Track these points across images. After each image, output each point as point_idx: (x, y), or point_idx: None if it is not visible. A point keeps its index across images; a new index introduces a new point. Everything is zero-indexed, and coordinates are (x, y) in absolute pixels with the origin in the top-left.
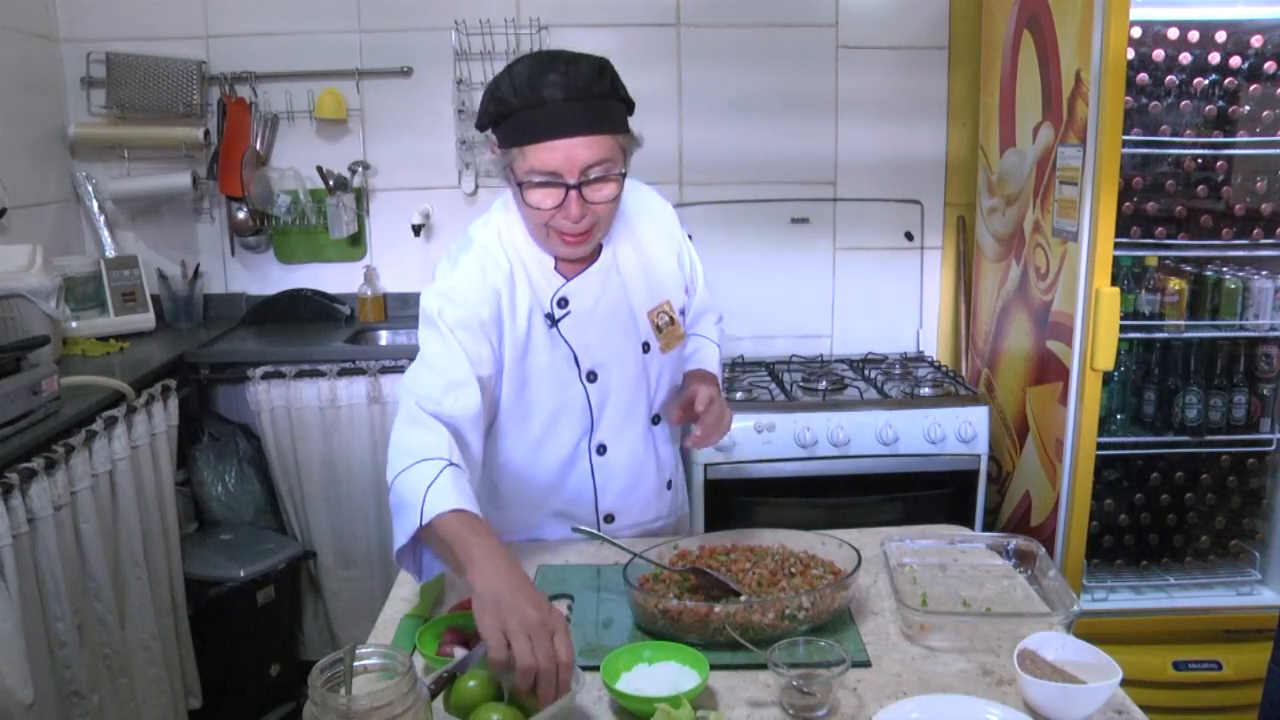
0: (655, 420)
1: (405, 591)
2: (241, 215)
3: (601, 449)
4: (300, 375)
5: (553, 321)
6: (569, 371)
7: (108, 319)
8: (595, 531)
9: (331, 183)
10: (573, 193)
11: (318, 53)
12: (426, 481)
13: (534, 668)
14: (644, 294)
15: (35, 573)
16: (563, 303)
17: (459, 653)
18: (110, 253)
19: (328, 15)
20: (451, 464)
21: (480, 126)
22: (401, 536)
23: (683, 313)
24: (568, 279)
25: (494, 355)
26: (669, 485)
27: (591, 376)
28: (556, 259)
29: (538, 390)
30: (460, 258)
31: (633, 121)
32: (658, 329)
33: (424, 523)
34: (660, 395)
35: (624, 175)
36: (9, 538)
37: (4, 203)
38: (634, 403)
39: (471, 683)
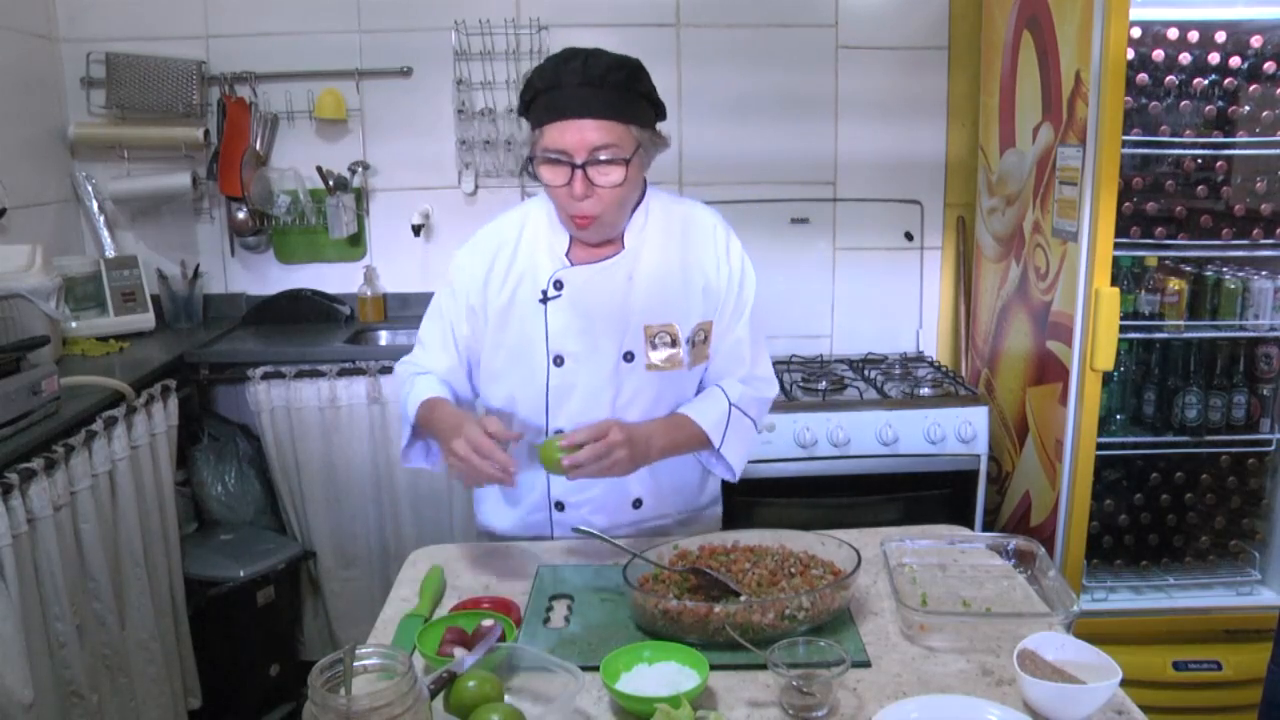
0: None
1: (405, 591)
2: (241, 215)
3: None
4: (300, 375)
5: (544, 299)
6: (539, 349)
7: (107, 319)
8: (595, 532)
9: (331, 183)
10: (578, 171)
11: (318, 53)
12: (405, 394)
13: (457, 457)
14: (650, 306)
15: (35, 573)
16: (558, 285)
17: (459, 653)
18: (110, 253)
19: (328, 15)
20: (420, 373)
21: (519, 113)
22: (403, 441)
23: (690, 342)
24: (571, 265)
25: (469, 316)
26: (636, 504)
27: (559, 360)
28: (570, 246)
29: (506, 360)
30: (481, 228)
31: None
32: (652, 345)
33: (414, 423)
34: (634, 411)
35: (627, 163)
36: (9, 538)
37: (4, 203)
38: (596, 405)
39: (471, 683)
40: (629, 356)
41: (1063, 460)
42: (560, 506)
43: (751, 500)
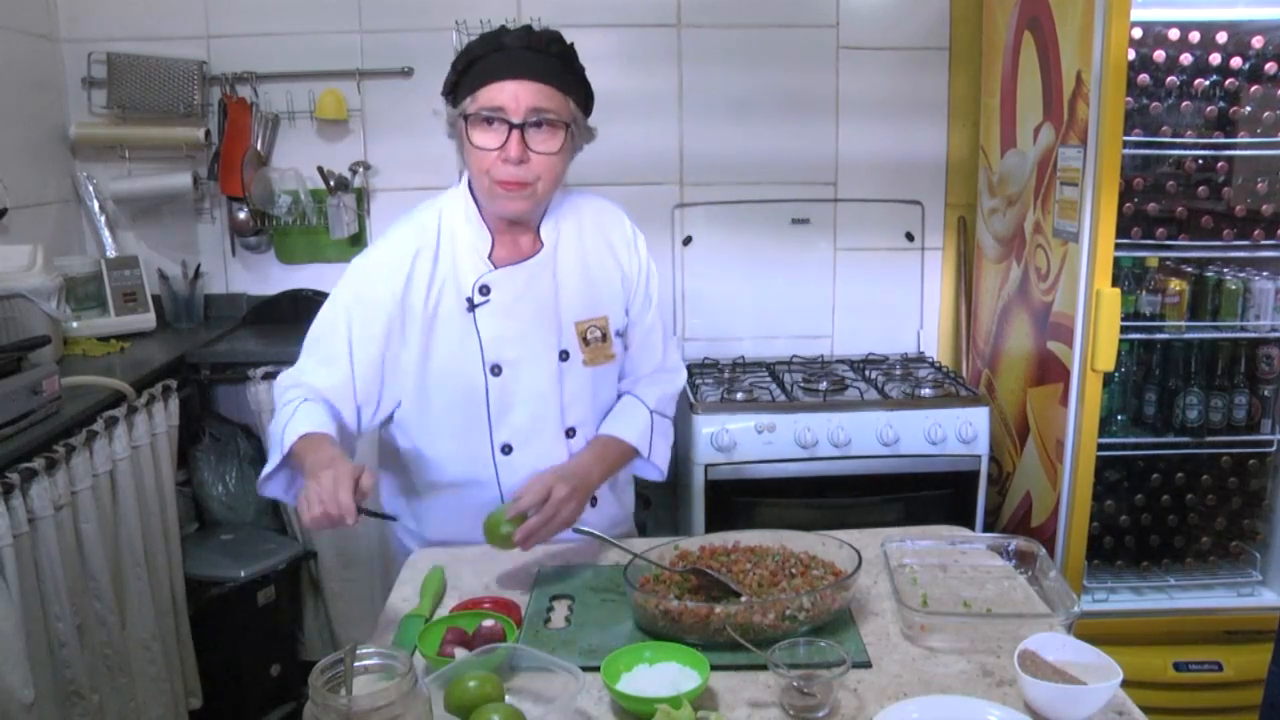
0: (570, 433)
1: (406, 592)
2: (242, 215)
3: (506, 449)
4: None
5: (471, 306)
6: (473, 360)
7: (108, 319)
8: (596, 532)
9: (332, 183)
10: (515, 132)
11: (318, 53)
12: (284, 420)
13: (310, 516)
14: (578, 303)
15: (36, 572)
16: (484, 290)
17: (460, 653)
18: (111, 253)
19: (329, 16)
20: (304, 400)
21: (445, 90)
22: (268, 467)
23: (619, 334)
24: (496, 268)
25: (386, 329)
26: (593, 502)
27: (496, 370)
28: (493, 247)
29: (438, 374)
30: (390, 230)
31: (626, 122)
32: (584, 341)
33: (285, 449)
34: (578, 409)
35: (566, 129)
36: (9, 537)
37: (5, 203)
38: (543, 409)
39: (472, 683)
40: (564, 355)
41: (1063, 461)
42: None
43: (752, 501)
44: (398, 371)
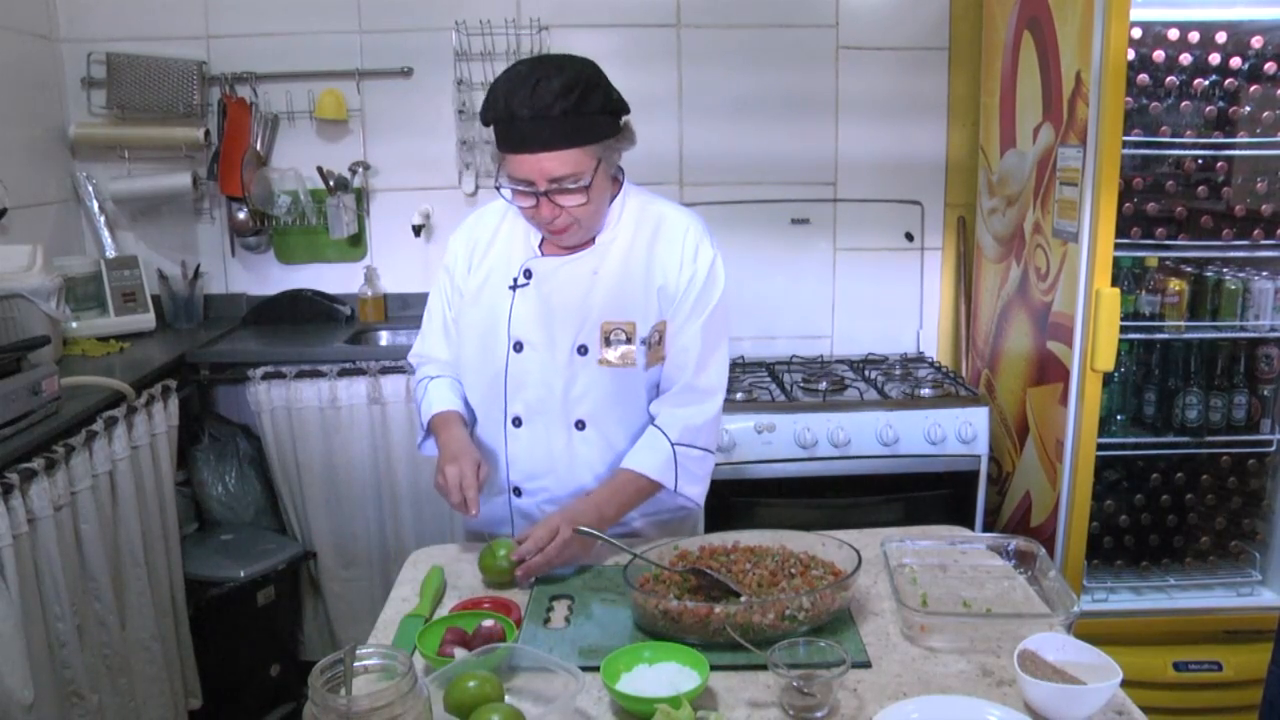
0: (580, 425)
1: (405, 592)
2: (242, 215)
3: (517, 421)
4: (300, 376)
5: (514, 285)
6: (500, 335)
7: (108, 319)
8: (596, 532)
9: (332, 183)
10: (542, 198)
11: (318, 53)
12: (420, 396)
13: (442, 485)
14: (609, 303)
15: (35, 573)
16: (527, 274)
17: (459, 653)
18: (110, 253)
19: (328, 16)
20: (431, 378)
21: (483, 124)
22: (419, 436)
23: (644, 342)
24: (542, 255)
25: (458, 297)
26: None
27: (518, 347)
28: (544, 239)
29: (473, 342)
30: (473, 213)
31: (633, 123)
32: (606, 341)
33: (426, 426)
34: (588, 403)
35: (589, 187)
36: (9, 538)
37: (4, 203)
38: (550, 395)
39: (471, 683)
40: (583, 350)
41: (1063, 461)
42: (518, 492)
43: (752, 500)
44: (460, 335)
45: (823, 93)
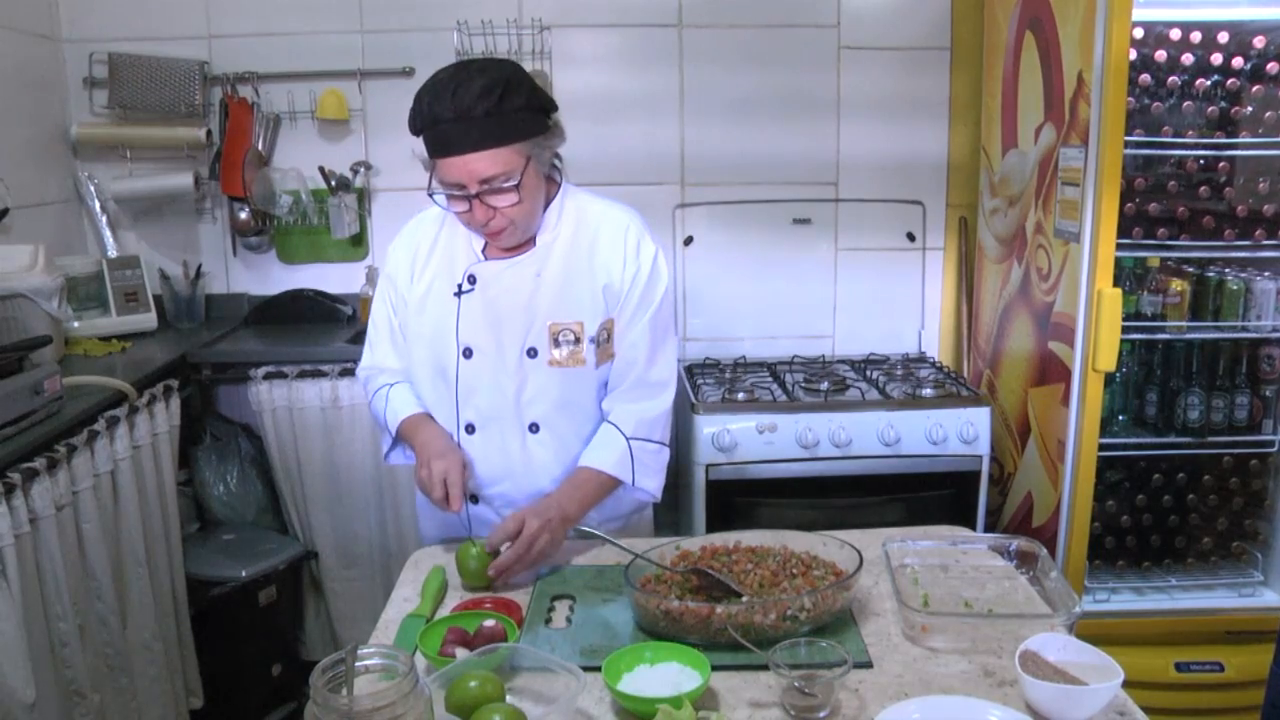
0: (534, 428)
1: (407, 592)
2: (243, 215)
3: (470, 428)
4: (302, 375)
5: (458, 291)
6: (449, 342)
7: (110, 319)
8: (596, 531)
9: (333, 183)
10: (475, 200)
11: (320, 53)
12: (380, 406)
13: (425, 480)
14: (555, 304)
15: (37, 572)
16: (471, 279)
17: (461, 653)
18: (112, 253)
19: (330, 16)
20: (390, 385)
21: (412, 133)
22: (384, 447)
23: (593, 340)
24: (486, 260)
25: (402, 306)
26: None
27: (467, 353)
28: (486, 243)
29: (421, 350)
30: (408, 222)
31: (627, 122)
32: (555, 343)
33: (394, 434)
34: (540, 406)
35: (518, 185)
36: (11, 538)
37: (6, 203)
38: (502, 399)
39: (473, 683)
40: (532, 352)
41: (1065, 461)
42: (475, 499)
43: (753, 501)
44: (407, 344)
45: (824, 93)
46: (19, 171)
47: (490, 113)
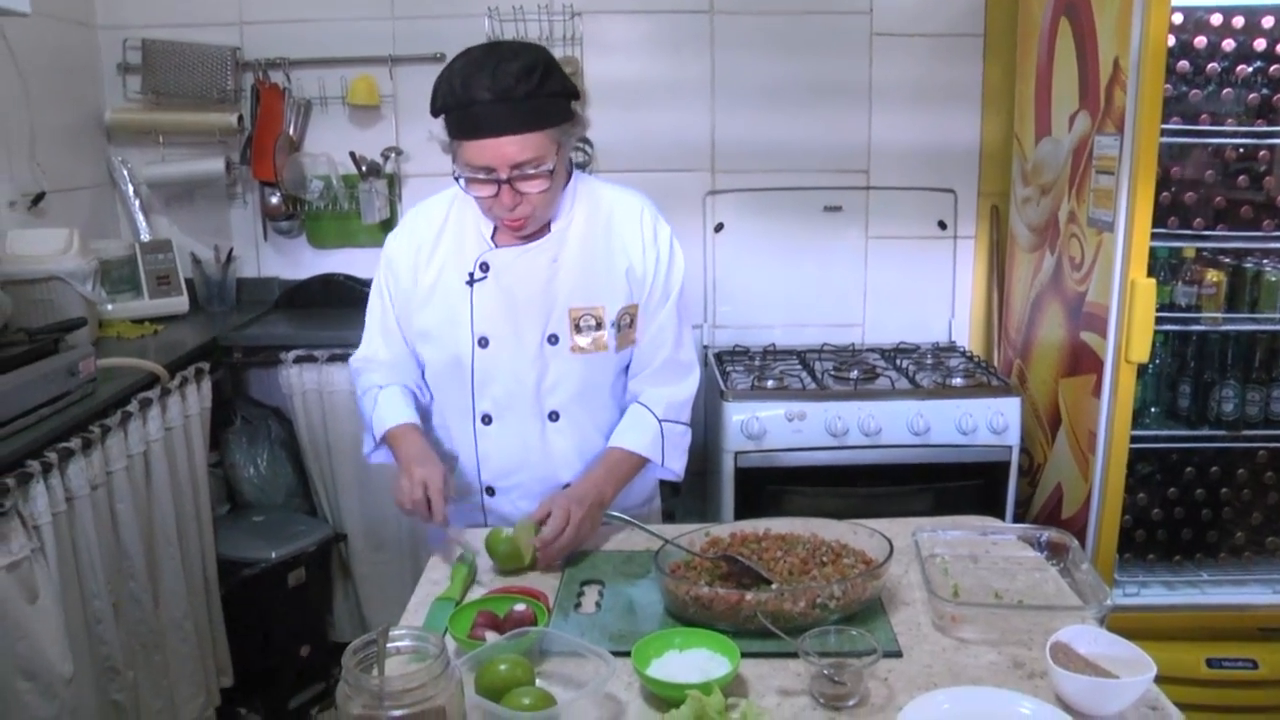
0: (554, 417)
1: (436, 575)
2: (274, 200)
3: (486, 419)
4: (332, 359)
5: (470, 280)
6: (463, 332)
7: (142, 302)
8: (626, 517)
9: (364, 168)
10: (504, 186)
11: (351, 39)
12: (369, 407)
13: (404, 489)
14: (575, 290)
15: (73, 551)
16: (484, 267)
17: (491, 637)
18: (145, 236)
19: (361, 2)
20: (380, 388)
21: (433, 114)
22: (367, 448)
23: (615, 325)
24: (497, 247)
25: (406, 298)
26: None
27: (483, 342)
28: (496, 229)
29: (432, 342)
30: (411, 211)
31: (658, 108)
32: (576, 328)
33: (379, 439)
34: (561, 393)
35: (552, 171)
36: (49, 515)
37: (43, 186)
38: (521, 388)
39: (503, 666)
40: (553, 339)
41: (1095, 453)
42: (491, 491)
43: (782, 489)
44: (413, 336)
45: (856, 80)
46: (54, 156)
47: (530, 95)
